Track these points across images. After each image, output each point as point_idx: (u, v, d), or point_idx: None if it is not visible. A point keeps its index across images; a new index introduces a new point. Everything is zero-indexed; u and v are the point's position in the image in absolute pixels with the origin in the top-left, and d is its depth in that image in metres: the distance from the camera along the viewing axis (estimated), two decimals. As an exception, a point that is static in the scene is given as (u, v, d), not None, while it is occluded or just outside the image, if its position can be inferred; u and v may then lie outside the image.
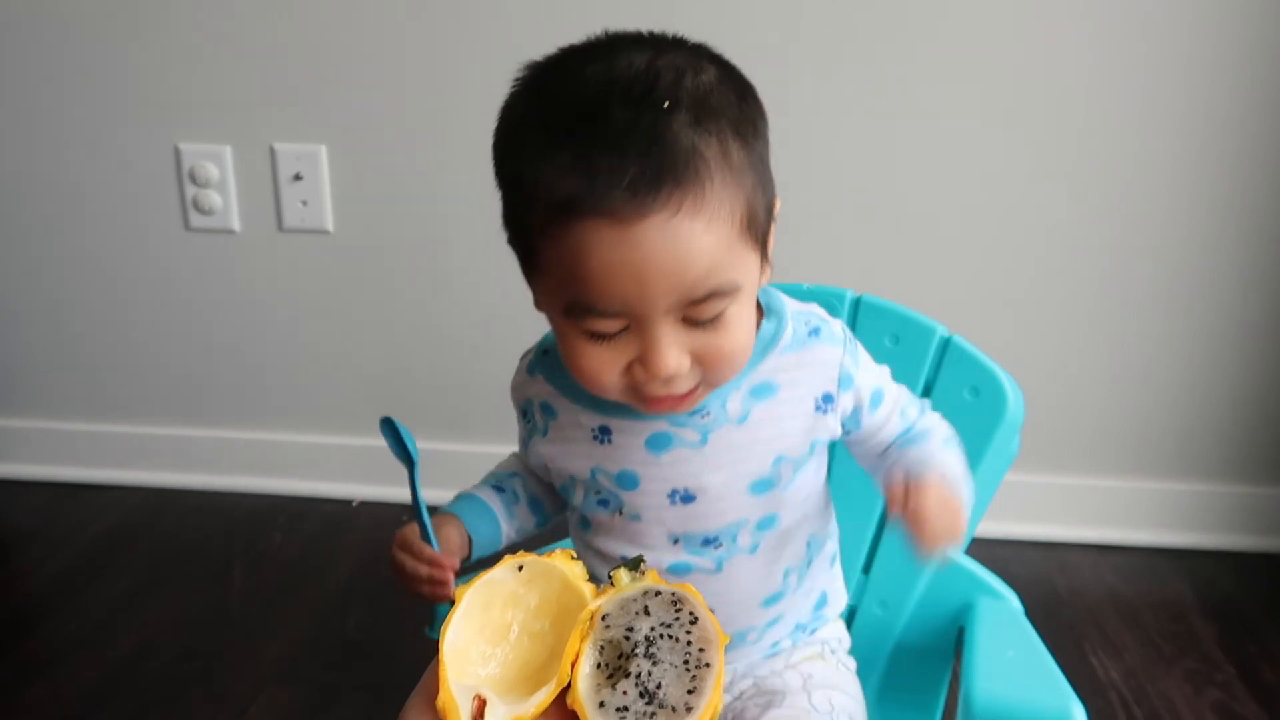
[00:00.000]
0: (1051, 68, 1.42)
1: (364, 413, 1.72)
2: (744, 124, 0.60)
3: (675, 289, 0.57)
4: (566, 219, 0.57)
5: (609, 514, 0.72)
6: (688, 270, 0.57)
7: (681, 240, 0.56)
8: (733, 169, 0.58)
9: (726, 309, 0.60)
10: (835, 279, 0.92)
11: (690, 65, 0.59)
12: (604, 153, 0.55)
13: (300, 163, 1.58)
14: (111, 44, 1.56)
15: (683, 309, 0.59)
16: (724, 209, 0.57)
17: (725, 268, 0.58)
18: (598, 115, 0.56)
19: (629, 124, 0.56)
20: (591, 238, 0.56)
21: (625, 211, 0.55)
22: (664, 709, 0.60)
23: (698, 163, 0.56)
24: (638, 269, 0.56)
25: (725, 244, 0.58)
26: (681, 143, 0.56)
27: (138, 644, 1.37)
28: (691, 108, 0.57)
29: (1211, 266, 1.48)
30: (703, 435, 0.68)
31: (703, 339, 0.61)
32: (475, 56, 1.50)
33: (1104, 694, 1.27)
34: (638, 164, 0.55)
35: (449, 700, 0.59)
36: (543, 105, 0.60)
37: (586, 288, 0.58)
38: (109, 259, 1.67)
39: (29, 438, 1.80)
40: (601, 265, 0.57)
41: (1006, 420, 0.84)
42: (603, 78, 0.58)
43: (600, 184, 0.55)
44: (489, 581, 0.64)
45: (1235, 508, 1.58)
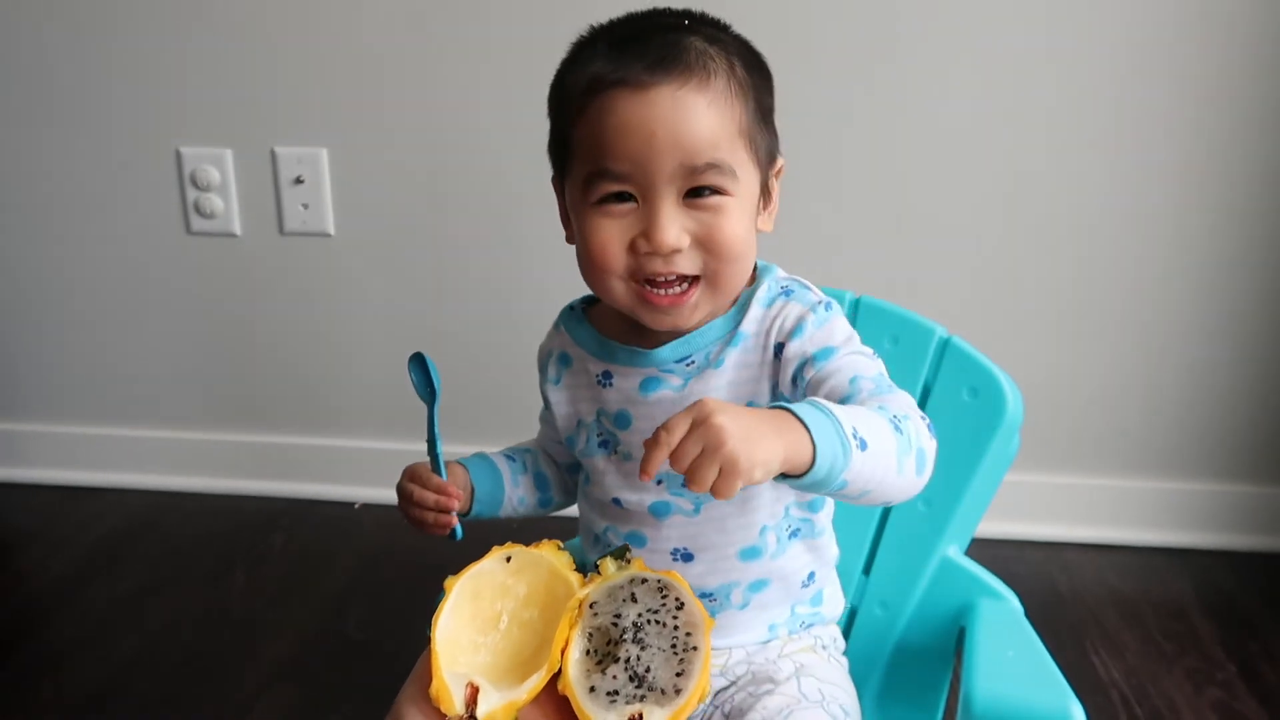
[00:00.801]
0: (1053, 69, 1.42)
1: (366, 414, 1.72)
2: (752, 62, 0.71)
3: (679, 150, 0.66)
4: (595, 93, 0.67)
5: (607, 454, 0.77)
6: (690, 133, 0.66)
7: (687, 107, 0.66)
8: (737, 80, 0.69)
9: (724, 200, 0.68)
10: (835, 280, 0.93)
11: (717, 25, 0.72)
12: (631, 47, 0.68)
13: (301, 166, 1.58)
14: (112, 47, 1.56)
15: (685, 178, 0.67)
16: (725, 100, 0.68)
17: (724, 148, 0.67)
18: (634, 34, 0.69)
19: (657, 36, 0.68)
20: (613, 103, 0.67)
21: (641, 79, 0.66)
22: (654, 691, 0.61)
23: (707, 60, 0.68)
24: (649, 127, 0.66)
25: (724, 130, 0.67)
26: (695, 47, 0.68)
27: (141, 645, 1.37)
28: (709, 36, 0.70)
29: (1212, 266, 1.49)
30: (684, 380, 0.74)
31: (702, 220, 0.68)
32: (475, 60, 1.50)
33: (1105, 693, 1.27)
34: (656, 53, 0.67)
35: (442, 688, 0.60)
36: (591, 37, 0.73)
37: (605, 150, 0.67)
38: (111, 262, 1.68)
39: (32, 440, 1.80)
40: (619, 124, 0.66)
41: (1006, 420, 0.84)
42: (642, 17, 0.72)
43: (624, 63, 0.67)
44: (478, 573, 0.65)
45: (1236, 507, 1.58)
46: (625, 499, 0.76)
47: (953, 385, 0.86)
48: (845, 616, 0.90)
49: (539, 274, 1.57)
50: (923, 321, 0.88)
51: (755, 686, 0.74)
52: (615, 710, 0.60)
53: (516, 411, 1.65)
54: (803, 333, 0.72)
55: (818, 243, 1.50)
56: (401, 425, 1.71)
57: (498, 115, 1.51)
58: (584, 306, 0.82)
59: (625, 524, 0.77)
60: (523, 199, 1.54)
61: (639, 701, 0.60)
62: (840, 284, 0.91)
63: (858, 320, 0.89)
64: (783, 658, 0.78)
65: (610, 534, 0.78)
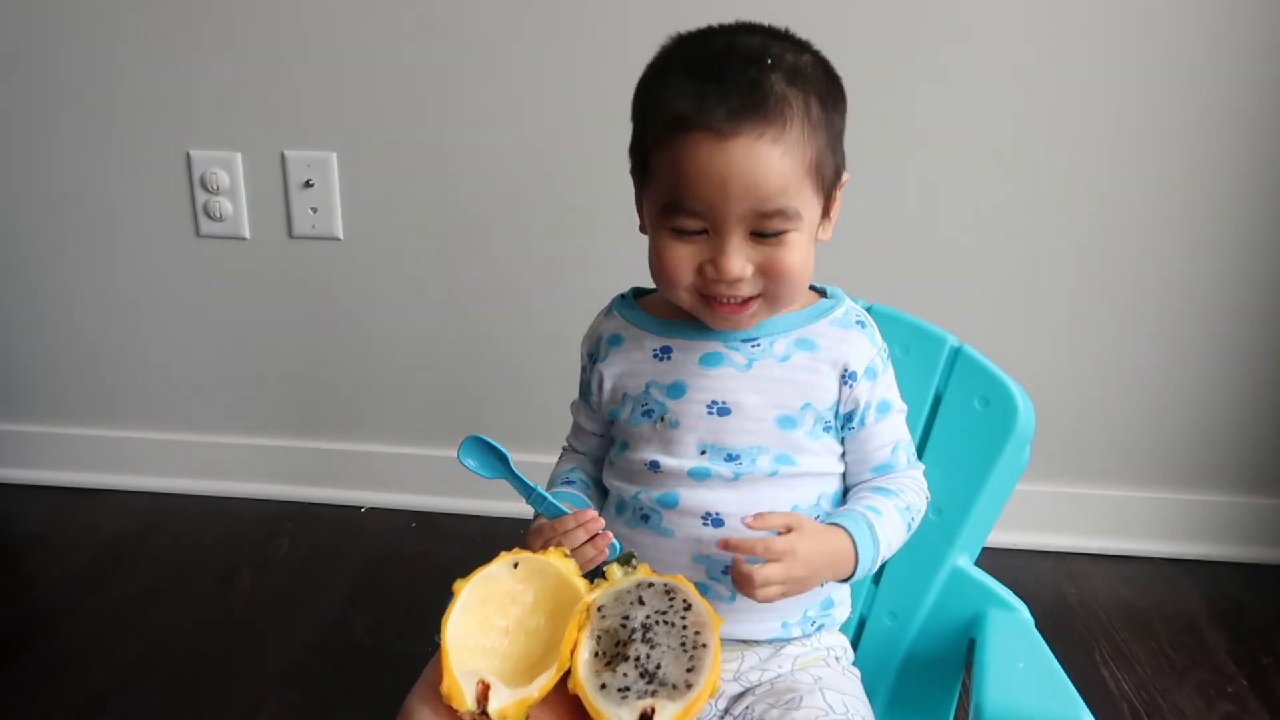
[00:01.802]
0: (1067, 77, 1.42)
1: (373, 419, 1.72)
2: (828, 96, 0.75)
3: (750, 198, 0.71)
4: (677, 130, 0.72)
5: (651, 423, 0.80)
6: (762, 184, 0.71)
7: (761, 159, 0.71)
8: (811, 122, 0.73)
9: (789, 231, 0.73)
10: (846, 288, 0.92)
11: (794, 50, 0.75)
12: (715, 88, 0.71)
13: (311, 169, 1.58)
14: (122, 51, 1.57)
15: (752, 221, 0.72)
16: (798, 148, 0.72)
17: (792, 194, 0.72)
18: (718, 66, 0.72)
19: (739, 73, 0.72)
20: (693, 147, 0.71)
21: (722, 129, 0.70)
22: (665, 686, 0.60)
23: (784, 107, 0.71)
24: (723, 174, 0.70)
25: (795, 175, 0.72)
26: (775, 91, 0.71)
27: (145, 649, 1.37)
28: (788, 72, 0.73)
29: (1227, 278, 1.48)
30: (749, 361, 0.79)
31: (766, 253, 0.73)
32: (485, 64, 1.50)
33: (1115, 705, 1.26)
34: (739, 98, 0.70)
35: (454, 685, 0.60)
36: (677, 57, 0.76)
37: (682, 188, 0.72)
38: (119, 265, 1.68)
39: (38, 442, 1.80)
40: (697, 169, 0.71)
41: (1017, 431, 0.84)
42: (725, 46, 0.75)
43: (708, 107, 0.70)
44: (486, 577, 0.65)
45: (1247, 518, 1.57)
46: (664, 462, 0.79)
47: (964, 394, 0.85)
48: (854, 626, 0.89)
49: (549, 276, 1.57)
50: (934, 330, 0.87)
51: (776, 698, 0.74)
52: (627, 706, 0.60)
53: (529, 412, 1.65)
54: (874, 378, 0.80)
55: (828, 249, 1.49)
56: (409, 429, 1.71)
57: (507, 119, 1.51)
58: (635, 297, 0.86)
59: (659, 487, 0.79)
60: (532, 204, 1.54)
61: (650, 696, 0.60)
62: (851, 291, 0.90)
63: (868, 328, 0.88)
64: (799, 670, 0.78)
65: (642, 496, 0.79)
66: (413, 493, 1.71)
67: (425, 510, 1.71)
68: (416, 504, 1.71)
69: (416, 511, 1.71)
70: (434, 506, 1.71)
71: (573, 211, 1.53)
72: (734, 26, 0.78)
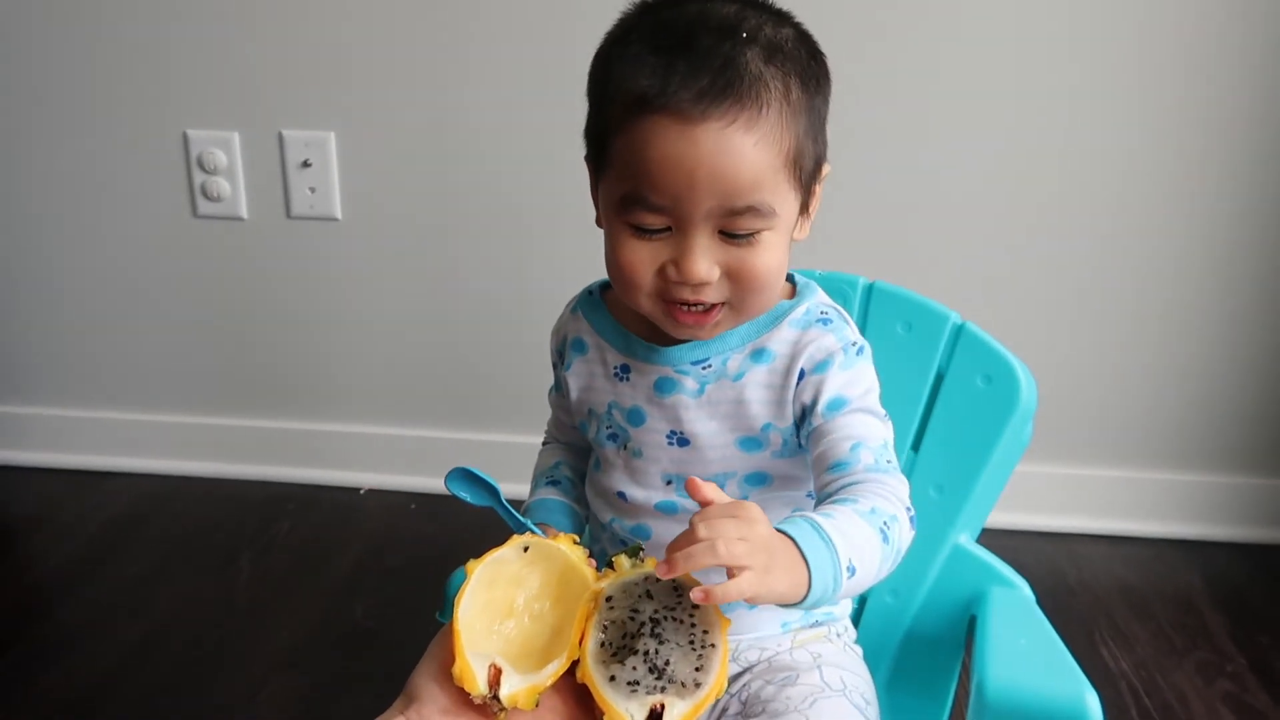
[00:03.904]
0: (1071, 53, 1.41)
1: (372, 400, 1.72)
2: (809, 76, 0.67)
3: (719, 193, 0.63)
4: (639, 112, 0.64)
5: (616, 448, 0.76)
6: (733, 177, 0.63)
7: (733, 148, 0.63)
8: (790, 106, 0.65)
9: (762, 231, 0.65)
10: (848, 266, 0.92)
11: (774, 21, 0.67)
12: (683, 64, 0.63)
13: (309, 149, 1.57)
14: (119, 30, 1.55)
15: (721, 219, 0.65)
16: (774, 135, 0.64)
17: (766, 188, 0.64)
18: (686, 38, 0.64)
19: (710, 48, 0.63)
20: (656, 131, 0.63)
21: (689, 112, 0.62)
22: (674, 683, 0.61)
23: (760, 89, 0.63)
24: (690, 165, 0.63)
25: (770, 167, 0.64)
26: (750, 69, 0.63)
27: (146, 631, 1.37)
28: (766, 47, 0.65)
29: (1227, 257, 1.47)
30: (700, 386, 0.73)
31: (735, 254, 0.66)
32: (484, 43, 1.49)
33: (1114, 685, 1.26)
34: (709, 77, 0.62)
35: (466, 668, 0.59)
36: (641, 27, 0.67)
37: (644, 179, 0.64)
38: (117, 246, 1.67)
39: (37, 425, 1.80)
40: (660, 157, 0.63)
41: (1020, 408, 0.83)
42: (696, 14, 0.66)
43: (673, 87, 0.62)
44: (496, 560, 0.64)
45: (1247, 499, 1.57)
46: (631, 494, 0.75)
47: (966, 372, 0.85)
48: (856, 604, 0.89)
49: (547, 258, 1.57)
50: (936, 307, 0.87)
51: (773, 674, 0.74)
52: (636, 700, 0.60)
53: (525, 397, 1.64)
54: (826, 369, 0.70)
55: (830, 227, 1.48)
56: (408, 411, 1.71)
57: (506, 99, 1.50)
58: (602, 292, 0.81)
59: (631, 518, 0.76)
60: (531, 184, 1.53)
61: (660, 693, 0.60)
62: (853, 269, 0.90)
63: (871, 306, 0.88)
64: (797, 647, 0.77)
65: (616, 525, 0.77)
66: (412, 474, 1.71)
67: (425, 491, 1.70)
68: (416, 485, 1.71)
69: (416, 493, 1.71)
70: (434, 488, 1.70)
71: (572, 191, 1.52)
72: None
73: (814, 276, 0.88)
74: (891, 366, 0.86)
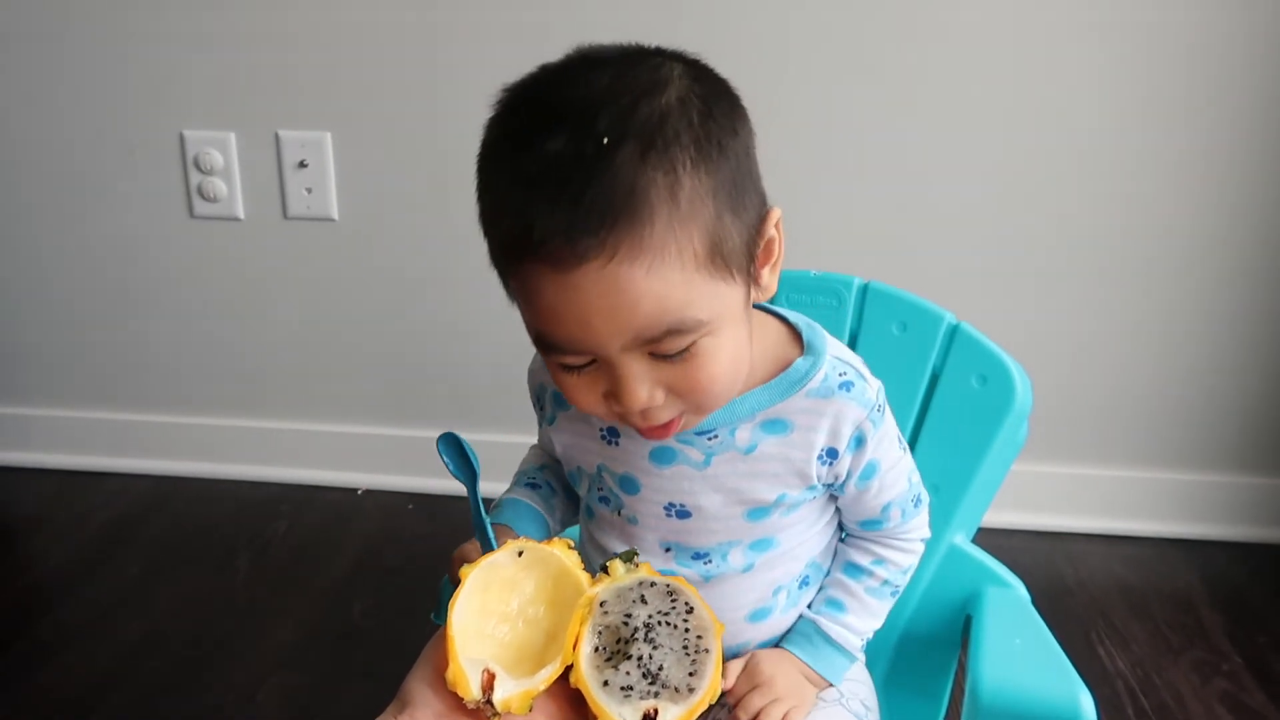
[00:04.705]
0: (1063, 54, 1.41)
1: (369, 401, 1.72)
2: (706, 145, 0.56)
3: (622, 331, 0.56)
4: (514, 258, 0.57)
5: (609, 511, 0.72)
6: (632, 315, 0.55)
7: (621, 286, 0.54)
8: (684, 204, 0.55)
9: (696, 342, 0.58)
10: (843, 266, 0.92)
11: (651, 85, 0.56)
12: (543, 194, 0.54)
13: (305, 150, 1.57)
14: (115, 30, 1.55)
15: (642, 346, 0.57)
16: (670, 249, 0.55)
17: (680, 306, 0.56)
18: (542, 152, 0.55)
19: (571, 161, 0.54)
20: (535, 280, 0.56)
21: (561, 257, 0.54)
22: (667, 689, 0.61)
23: (637, 203, 0.53)
24: (580, 313, 0.56)
25: (677, 283, 0.55)
26: (621, 182, 0.53)
27: (144, 631, 1.37)
28: (640, 138, 0.54)
29: (1222, 257, 1.47)
30: (706, 457, 0.67)
31: (674, 371, 0.59)
32: (480, 43, 1.49)
33: (1111, 684, 1.26)
34: (569, 210, 0.53)
35: (459, 673, 0.59)
36: (503, 130, 0.59)
37: (542, 325, 0.58)
38: (113, 246, 1.67)
39: (35, 425, 1.80)
40: (547, 307, 0.57)
41: (1015, 408, 0.83)
42: (554, 106, 0.56)
43: (537, 229, 0.54)
44: (490, 564, 0.64)
45: (1244, 498, 1.57)
46: None
47: (961, 372, 0.85)
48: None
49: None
50: (931, 307, 0.87)
51: None
52: (630, 705, 0.60)
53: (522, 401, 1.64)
54: (862, 445, 0.67)
55: (825, 227, 1.49)
56: (405, 411, 1.71)
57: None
58: None
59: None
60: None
61: (653, 698, 0.60)
62: (848, 269, 0.90)
63: (866, 306, 0.88)
64: None
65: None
66: (409, 474, 1.71)
67: (422, 492, 1.70)
68: (413, 485, 1.71)
69: (413, 493, 1.71)
70: (431, 488, 1.71)
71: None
72: (576, 62, 0.60)
73: (809, 277, 0.88)
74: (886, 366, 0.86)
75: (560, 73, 0.59)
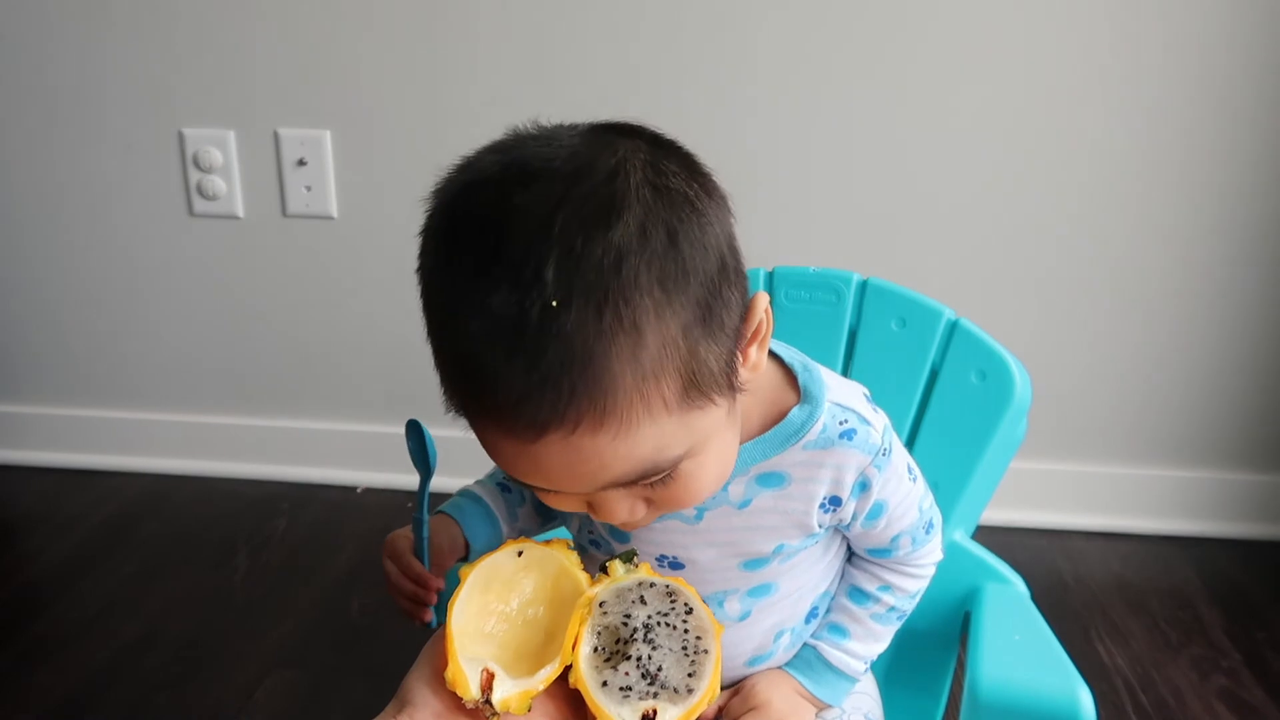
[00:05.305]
0: (1066, 49, 1.41)
1: (368, 399, 1.72)
2: (673, 280, 0.49)
3: (593, 484, 0.53)
4: (468, 415, 0.53)
5: (601, 554, 0.71)
6: (602, 473, 0.52)
7: (585, 454, 0.50)
8: (650, 360, 0.49)
9: (678, 467, 0.54)
10: (842, 262, 0.92)
11: (605, 210, 0.48)
12: (491, 358, 0.48)
13: (304, 148, 1.57)
14: (114, 27, 1.55)
15: (619, 486, 0.54)
16: (637, 410, 0.49)
17: (654, 454, 0.52)
18: (485, 305, 0.48)
19: (516, 324, 0.47)
20: (494, 440, 0.52)
21: (519, 430, 0.49)
22: (666, 689, 0.61)
23: (595, 372, 0.48)
24: (545, 473, 0.52)
25: (648, 436, 0.51)
26: (575, 350, 0.47)
27: (143, 629, 1.37)
28: (592, 293, 0.47)
29: (1221, 255, 1.47)
30: (698, 512, 0.65)
31: (657, 491, 0.56)
32: (480, 41, 1.49)
33: (1110, 680, 1.26)
34: (522, 380, 0.48)
35: (458, 673, 0.59)
36: (438, 267, 0.53)
37: (507, 471, 0.55)
38: (112, 245, 1.67)
39: (34, 423, 1.80)
40: (508, 463, 0.53)
41: (1014, 404, 0.84)
42: (493, 246, 0.48)
43: (488, 398, 0.49)
44: (490, 564, 0.64)
45: (1243, 495, 1.57)
46: None
47: (961, 367, 0.85)
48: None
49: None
50: (931, 303, 0.87)
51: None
52: (629, 705, 0.60)
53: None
54: (867, 490, 0.64)
55: (825, 223, 1.49)
56: (403, 409, 1.71)
57: (502, 97, 1.50)
58: None
59: None
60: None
61: (652, 698, 0.60)
62: (847, 266, 0.90)
63: (865, 302, 0.88)
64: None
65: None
66: (409, 472, 1.70)
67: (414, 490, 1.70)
68: (412, 483, 1.70)
69: (412, 491, 1.70)
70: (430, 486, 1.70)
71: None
72: (513, 170, 0.51)
73: (808, 273, 0.88)
74: (886, 363, 0.86)
75: (498, 188, 0.51)
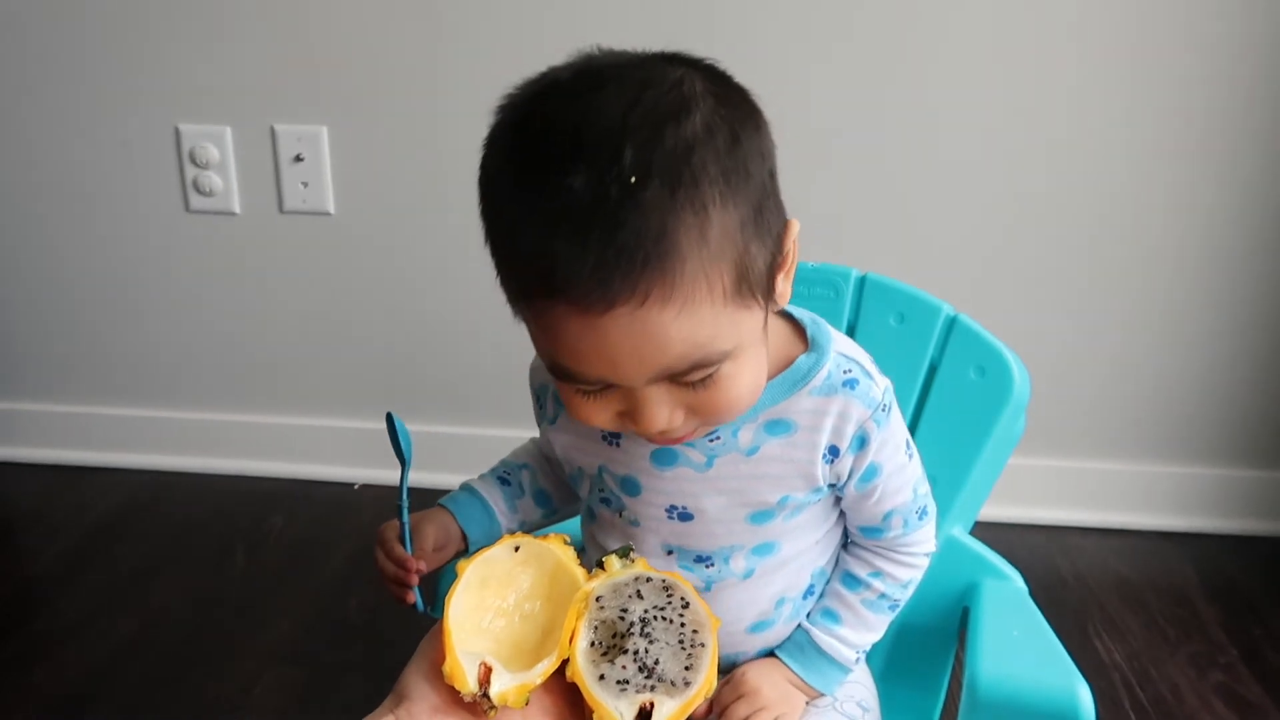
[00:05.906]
0: (1067, 47, 1.41)
1: (366, 395, 1.72)
2: (735, 176, 0.54)
3: (649, 370, 0.55)
4: (532, 296, 0.55)
5: (611, 512, 0.72)
6: (661, 355, 0.55)
7: (651, 329, 0.53)
8: (714, 242, 0.53)
9: (719, 369, 0.57)
10: (841, 257, 0.92)
11: (675, 108, 0.53)
12: (566, 234, 0.51)
13: (301, 144, 1.57)
14: (110, 23, 1.55)
15: (666, 377, 0.57)
16: (701, 288, 0.53)
17: (708, 341, 0.55)
18: (563, 190, 0.51)
19: (594, 201, 0.51)
20: (559, 321, 0.54)
21: (589, 301, 0.52)
22: (663, 682, 0.61)
23: (667, 246, 0.52)
24: (609, 355, 0.54)
25: (706, 321, 0.54)
26: (650, 224, 0.51)
27: (141, 626, 1.37)
28: (667, 175, 0.51)
29: (1221, 251, 1.48)
30: (708, 459, 0.67)
31: (695, 395, 0.58)
32: (477, 36, 1.49)
33: (1107, 676, 1.27)
34: (598, 252, 0.51)
35: (456, 667, 0.60)
36: (512, 160, 0.56)
37: (563, 359, 0.57)
38: (109, 241, 1.67)
39: (32, 420, 1.79)
40: (572, 347, 0.55)
41: (1012, 400, 0.83)
42: (572, 135, 0.53)
43: (561, 272, 0.52)
44: (487, 559, 0.64)
45: (1240, 491, 1.57)
46: None
47: (959, 363, 0.85)
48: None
49: (540, 254, 1.56)
50: (929, 299, 0.86)
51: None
52: (626, 699, 0.60)
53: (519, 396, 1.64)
54: (864, 445, 0.66)
55: (824, 218, 1.48)
56: (401, 405, 1.71)
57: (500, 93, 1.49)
58: None
59: None
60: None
61: (649, 691, 0.60)
62: (846, 261, 0.90)
63: (864, 298, 0.88)
64: None
65: None
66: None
67: (419, 486, 1.69)
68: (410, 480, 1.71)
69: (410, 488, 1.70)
70: (427, 482, 1.69)
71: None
72: (587, 72, 0.56)
73: (806, 268, 0.88)
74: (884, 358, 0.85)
75: (571, 92, 0.56)
